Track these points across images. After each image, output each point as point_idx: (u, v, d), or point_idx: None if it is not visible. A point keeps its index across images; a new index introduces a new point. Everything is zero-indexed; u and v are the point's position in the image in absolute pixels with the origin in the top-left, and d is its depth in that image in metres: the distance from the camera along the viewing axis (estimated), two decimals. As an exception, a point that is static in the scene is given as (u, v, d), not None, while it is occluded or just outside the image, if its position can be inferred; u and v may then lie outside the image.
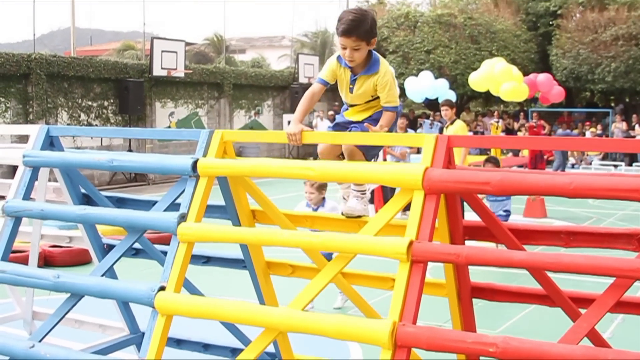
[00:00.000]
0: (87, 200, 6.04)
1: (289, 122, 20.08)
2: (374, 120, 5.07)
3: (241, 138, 5.35)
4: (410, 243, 4.01)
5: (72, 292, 5.15)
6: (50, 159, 5.59)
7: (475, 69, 26.67)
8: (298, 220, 5.12)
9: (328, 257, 6.45)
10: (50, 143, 5.79)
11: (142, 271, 9.36)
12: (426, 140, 4.40)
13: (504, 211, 10.93)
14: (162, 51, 26.59)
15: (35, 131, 5.84)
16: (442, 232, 4.64)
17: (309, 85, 28.86)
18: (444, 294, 5.01)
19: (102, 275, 5.14)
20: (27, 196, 5.60)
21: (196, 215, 4.73)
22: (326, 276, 4.38)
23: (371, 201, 15.90)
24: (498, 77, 22.71)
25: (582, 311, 4.50)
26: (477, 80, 23.42)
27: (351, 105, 5.19)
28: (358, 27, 4.76)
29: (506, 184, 4.01)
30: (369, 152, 5.04)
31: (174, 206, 5.04)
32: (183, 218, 4.71)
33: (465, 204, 5.49)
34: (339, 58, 4.98)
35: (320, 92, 5.09)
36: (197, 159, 4.82)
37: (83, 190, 6.07)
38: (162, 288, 4.56)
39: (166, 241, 5.29)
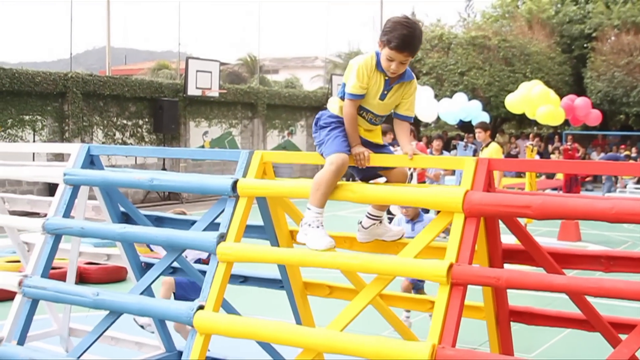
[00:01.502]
0: (126, 218, 6.09)
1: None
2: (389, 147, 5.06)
3: (281, 159, 5.38)
4: (451, 266, 4.01)
5: (111, 310, 5.18)
6: (91, 178, 5.65)
7: (509, 91, 26.56)
8: (337, 242, 5.12)
9: None
10: (91, 162, 5.86)
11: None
12: (467, 163, 4.41)
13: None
14: (197, 71, 26.74)
15: (76, 150, 5.90)
16: (482, 255, 4.63)
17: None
18: (482, 317, 5.00)
19: (141, 294, 5.17)
20: (67, 214, 5.66)
21: (235, 235, 4.75)
22: (365, 298, 4.38)
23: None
24: (535, 100, 22.57)
25: (621, 337, 4.47)
26: (514, 103, 23.30)
27: (374, 118, 4.89)
28: (413, 44, 4.61)
29: (548, 208, 4.00)
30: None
31: (213, 226, 5.07)
32: (222, 238, 4.74)
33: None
34: (377, 64, 4.71)
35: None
36: (237, 180, 4.85)
37: (122, 209, 6.12)
38: (201, 307, 4.58)
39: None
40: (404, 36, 4.55)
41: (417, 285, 8.35)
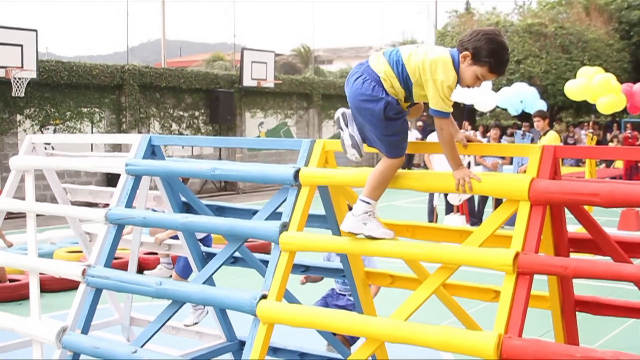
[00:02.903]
0: (187, 208, 6.11)
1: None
2: None
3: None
4: (517, 255, 3.95)
5: (173, 299, 5.21)
6: (153, 168, 5.67)
7: (566, 79, 26.21)
8: (399, 230, 5.07)
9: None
10: (152, 152, 5.88)
11: (234, 279, 9.46)
12: (532, 151, 4.34)
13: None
14: (252, 62, 26.81)
15: (138, 140, 5.93)
16: (547, 244, 4.56)
17: (397, 95, 28.65)
18: (547, 307, 4.93)
19: (203, 284, 5.18)
20: (129, 204, 5.69)
21: (298, 225, 4.73)
22: (429, 287, 4.33)
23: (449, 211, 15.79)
24: (596, 88, 22.20)
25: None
26: (573, 90, 22.95)
27: None
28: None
29: (616, 196, 3.92)
30: None
31: (274, 215, 5.06)
32: (285, 227, 4.72)
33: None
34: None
35: None
36: (299, 169, 4.83)
37: (183, 199, 6.14)
38: (264, 296, 4.57)
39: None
40: (506, 61, 4.38)
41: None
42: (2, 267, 10.29)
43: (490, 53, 4.27)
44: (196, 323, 7.08)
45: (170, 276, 7.49)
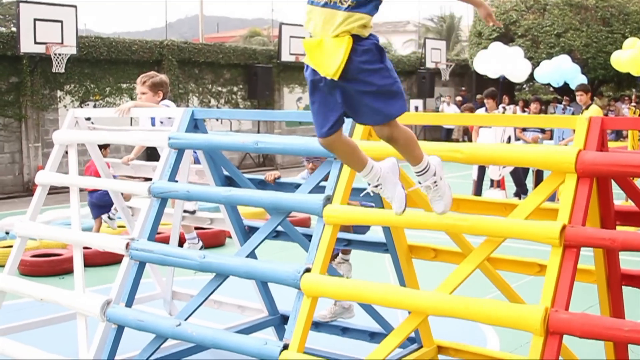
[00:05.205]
0: (229, 182, 6.11)
1: (416, 108, 19.95)
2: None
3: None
4: (563, 227, 3.91)
5: (217, 272, 5.22)
6: (196, 141, 5.67)
7: (607, 53, 25.81)
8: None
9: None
10: (195, 126, 5.88)
11: (276, 254, 9.46)
12: (578, 122, 4.28)
13: None
14: (290, 37, 26.73)
15: (180, 114, 5.93)
16: (593, 217, 4.50)
17: (436, 70, 28.04)
18: (592, 281, 4.87)
19: (247, 257, 5.19)
20: (172, 178, 5.70)
21: (342, 198, 4.71)
22: (474, 261, 4.30)
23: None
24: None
25: None
26: (621, 61, 22.44)
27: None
28: None
29: (667, 167, 3.86)
30: None
31: (318, 189, 5.04)
32: (329, 200, 4.71)
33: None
34: None
35: None
36: (343, 141, 4.80)
37: (226, 173, 6.14)
38: (308, 270, 4.56)
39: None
40: None
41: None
42: None
43: None
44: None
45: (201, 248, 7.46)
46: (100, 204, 8.65)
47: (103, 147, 11.71)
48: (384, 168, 4.23)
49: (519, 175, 15.76)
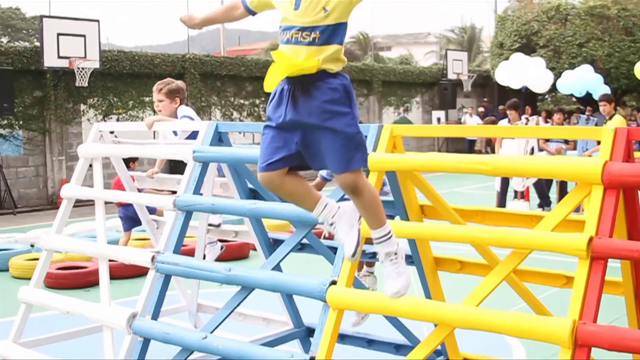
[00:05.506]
0: (253, 195, 6.12)
1: (438, 119, 20.06)
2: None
3: (411, 132, 5.31)
4: (590, 239, 3.88)
5: (243, 285, 5.22)
6: (220, 155, 5.69)
7: (630, 62, 25.71)
8: (468, 216, 5.03)
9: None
10: (219, 139, 5.90)
11: (300, 266, 9.46)
12: (604, 133, 4.25)
13: None
14: (311, 49, 26.75)
15: (205, 127, 5.95)
16: (620, 228, 4.47)
17: (458, 81, 28.08)
18: (620, 293, 4.84)
19: (272, 270, 5.19)
20: (197, 191, 5.71)
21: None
22: (501, 273, 4.28)
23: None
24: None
25: None
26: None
27: (298, 35, 3.88)
28: None
29: (695, 178, 3.83)
30: None
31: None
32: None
33: None
34: None
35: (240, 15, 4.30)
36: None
37: (250, 185, 6.15)
38: (334, 282, 4.55)
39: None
40: None
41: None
42: None
43: None
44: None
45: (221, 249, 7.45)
46: (135, 217, 8.69)
47: (132, 161, 11.82)
48: (343, 207, 4.18)
49: (542, 187, 15.71)
